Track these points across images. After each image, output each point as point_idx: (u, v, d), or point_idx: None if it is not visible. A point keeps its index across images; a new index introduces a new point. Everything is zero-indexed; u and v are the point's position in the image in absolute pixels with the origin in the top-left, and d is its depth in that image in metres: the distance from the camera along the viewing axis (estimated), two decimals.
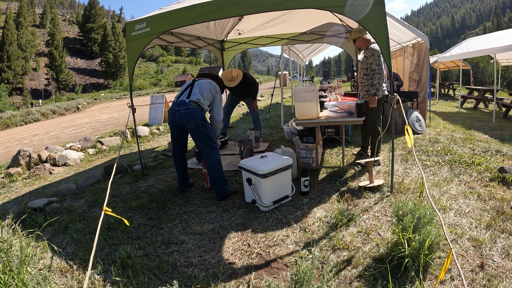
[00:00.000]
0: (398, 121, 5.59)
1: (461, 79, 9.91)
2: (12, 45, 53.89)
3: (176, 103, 3.27)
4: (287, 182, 3.18)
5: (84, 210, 3.35)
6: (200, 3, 3.25)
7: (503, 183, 3.18)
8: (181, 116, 3.18)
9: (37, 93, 56.23)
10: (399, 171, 3.73)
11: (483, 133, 5.55)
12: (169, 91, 41.44)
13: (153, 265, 2.27)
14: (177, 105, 3.24)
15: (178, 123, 3.26)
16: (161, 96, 9.80)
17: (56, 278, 2.20)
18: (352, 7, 2.78)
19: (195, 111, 3.16)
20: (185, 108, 3.17)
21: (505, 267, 1.98)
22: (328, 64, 25.99)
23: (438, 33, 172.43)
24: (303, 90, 3.37)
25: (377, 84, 3.67)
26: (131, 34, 3.76)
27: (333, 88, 5.56)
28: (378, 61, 3.63)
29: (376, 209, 2.86)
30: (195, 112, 3.16)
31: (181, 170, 3.54)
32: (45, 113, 21.94)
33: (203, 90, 3.31)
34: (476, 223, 2.50)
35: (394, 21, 5.25)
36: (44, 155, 5.71)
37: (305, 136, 4.00)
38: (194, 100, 3.21)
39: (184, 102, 3.21)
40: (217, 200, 3.31)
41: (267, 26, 6.04)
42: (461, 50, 8.87)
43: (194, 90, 3.31)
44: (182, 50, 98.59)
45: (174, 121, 3.28)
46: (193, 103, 3.20)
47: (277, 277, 2.10)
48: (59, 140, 9.38)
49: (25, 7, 66.71)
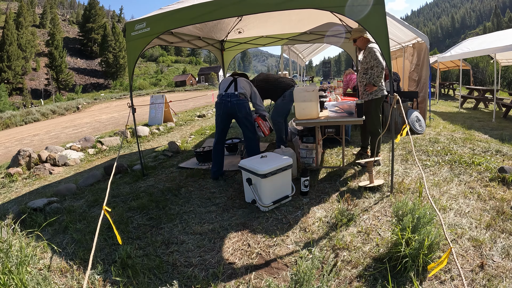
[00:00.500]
0: (398, 121, 5.59)
1: (461, 79, 9.91)
2: (12, 45, 53.91)
3: (227, 95, 3.73)
4: (287, 182, 3.18)
5: (84, 210, 3.35)
6: (200, 3, 3.25)
7: (503, 183, 3.18)
8: (233, 106, 3.69)
9: (37, 93, 56.25)
10: (399, 171, 3.73)
11: (483, 133, 5.55)
12: (169, 91, 41.44)
13: (153, 265, 2.27)
14: (228, 96, 3.72)
15: (230, 113, 3.75)
16: (161, 96, 9.79)
17: (56, 278, 2.20)
18: (352, 7, 2.78)
19: (244, 101, 3.76)
20: (237, 99, 3.70)
21: (505, 267, 1.98)
22: (328, 64, 25.92)
23: (438, 33, 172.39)
24: (303, 90, 3.37)
25: (375, 76, 3.65)
26: (131, 34, 3.76)
27: (333, 88, 5.56)
28: (375, 56, 3.63)
29: (376, 209, 2.86)
30: (245, 102, 3.77)
31: (220, 158, 3.93)
32: (45, 113, 21.94)
33: (245, 85, 3.86)
34: (476, 223, 2.50)
35: (394, 21, 5.25)
36: (44, 155, 5.71)
37: (305, 136, 4.00)
38: (241, 92, 3.76)
39: (234, 94, 3.72)
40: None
41: (267, 26, 6.04)
42: (461, 50, 8.87)
43: (238, 84, 3.82)
44: (182, 50, 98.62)
45: (225, 111, 3.74)
46: (241, 95, 3.75)
47: (277, 277, 2.10)
48: (59, 140, 9.38)
49: (25, 7, 66.71)
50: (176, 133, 8.27)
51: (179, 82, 63.76)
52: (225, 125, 3.89)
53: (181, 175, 4.28)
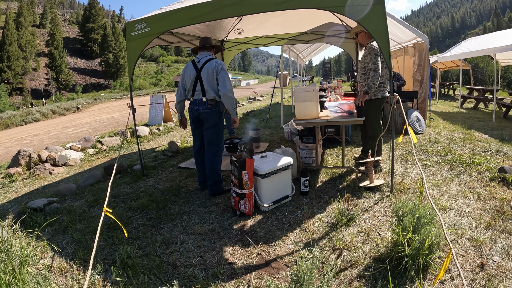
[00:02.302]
0: (398, 121, 5.60)
1: (461, 79, 9.91)
2: (12, 45, 53.88)
3: (195, 102, 3.32)
4: (287, 182, 3.18)
5: (84, 210, 3.35)
6: (200, 3, 3.25)
7: (503, 183, 3.18)
8: (200, 115, 3.31)
9: (37, 93, 56.23)
10: (399, 171, 3.73)
11: (483, 133, 5.55)
12: (169, 91, 41.41)
13: (153, 265, 2.27)
14: (195, 104, 3.32)
15: (199, 120, 3.37)
16: (161, 96, 9.79)
17: (56, 278, 2.20)
18: (352, 7, 2.78)
19: (213, 110, 3.29)
20: (204, 108, 3.28)
21: (505, 267, 1.98)
22: (328, 64, 26.03)
23: (438, 33, 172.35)
24: (303, 90, 3.37)
25: (370, 82, 3.49)
26: (131, 34, 3.76)
27: (333, 88, 5.56)
28: (374, 60, 3.50)
29: (376, 209, 2.86)
30: (214, 111, 3.29)
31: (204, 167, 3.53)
32: (45, 113, 21.92)
33: (212, 82, 3.25)
34: (476, 223, 2.50)
35: (394, 21, 5.25)
36: (44, 155, 5.71)
37: (305, 136, 4.00)
38: (211, 98, 3.26)
39: (202, 101, 3.27)
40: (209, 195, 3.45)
41: (267, 26, 6.04)
42: (461, 50, 8.87)
43: (205, 86, 3.25)
44: (182, 50, 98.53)
45: (195, 118, 3.38)
46: (210, 102, 3.28)
47: (277, 277, 2.10)
48: (59, 140, 9.38)
49: (25, 7, 66.70)
50: (176, 133, 8.27)
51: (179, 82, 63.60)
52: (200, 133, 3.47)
53: (181, 175, 4.28)
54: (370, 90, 3.50)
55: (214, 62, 3.27)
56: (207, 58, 3.33)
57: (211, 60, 3.30)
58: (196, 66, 3.32)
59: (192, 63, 3.38)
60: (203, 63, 3.30)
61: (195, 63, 3.35)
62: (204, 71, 3.26)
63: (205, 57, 3.35)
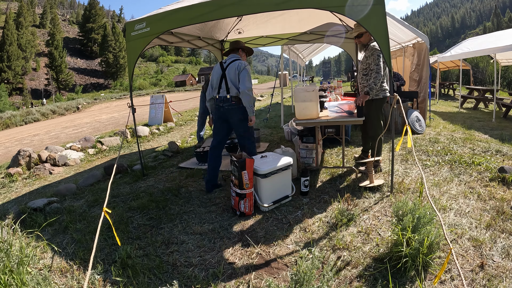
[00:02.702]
0: (398, 121, 5.60)
1: (461, 79, 9.91)
2: (12, 45, 53.92)
3: (219, 100, 3.48)
4: (287, 182, 3.18)
5: (84, 210, 3.35)
6: (200, 3, 3.25)
7: (503, 183, 3.18)
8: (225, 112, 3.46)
9: (37, 93, 56.25)
10: (399, 171, 3.73)
11: (483, 133, 5.55)
12: (169, 91, 41.42)
13: (153, 265, 2.27)
14: (220, 101, 3.47)
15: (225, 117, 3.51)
16: (161, 96, 9.79)
17: (56, 278, 2.20)
18: (352, 7, 2.78)
19: (237, 106, 3.44)
20: (228, 104, 3.44)
21: (505, 267, 1.98)
22: (328, 64, 25.98)
23: (438, 33, 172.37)
24: (303, 90, 3.37)
25: (372, 83, 3.50)
26: (131, 34, 3.76)
27: (333, 88, 5.55)
28: (377, 61, 3.50)
29: (376, 209, 2.86)
30: (238, 107, 3.44)
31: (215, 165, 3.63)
32: (45, 113, 21.93)
33: (235, 80, 3.44)
34: (476, 223, 2.50)
35: (394, 21, 5.25)
36: (44, 155, 5.71)
37: (305, 136, 4.00)
38: (234, 95, 3.43)
39: (226, 98, 3.44)
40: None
41: (267, 26, 6.04)
42: (461, 50, 8.87)
43: (229, 84, 3.45)
44: (182, 50, 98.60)
45: (221, 115, 3.53)
46: (234, 99, 3.44)
47: (277, 277, 2.10)
48: (59, 140, 9.38)
49: (25, 7, 66.73)
50: (176, 133, 8.27)
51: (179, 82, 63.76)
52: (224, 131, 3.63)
53: (181, 175, 4.28)
54: (371, 91, 3.51)
55: (238, 62, 3.49)
56: (233, 59, 3.54)
57: (236, 60, 3.51)
58: (223, 66, 3.55)
59: (220, 64, 3.61)
60: (228, 63, 3.52)
61: (222, 63, 3.58)
62: (228, 70, 3.48)
63: (232, 58, 3.56)
